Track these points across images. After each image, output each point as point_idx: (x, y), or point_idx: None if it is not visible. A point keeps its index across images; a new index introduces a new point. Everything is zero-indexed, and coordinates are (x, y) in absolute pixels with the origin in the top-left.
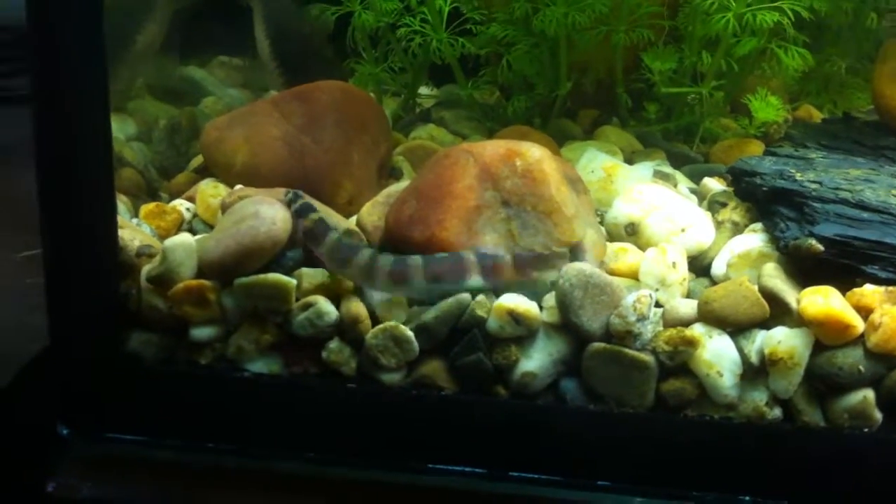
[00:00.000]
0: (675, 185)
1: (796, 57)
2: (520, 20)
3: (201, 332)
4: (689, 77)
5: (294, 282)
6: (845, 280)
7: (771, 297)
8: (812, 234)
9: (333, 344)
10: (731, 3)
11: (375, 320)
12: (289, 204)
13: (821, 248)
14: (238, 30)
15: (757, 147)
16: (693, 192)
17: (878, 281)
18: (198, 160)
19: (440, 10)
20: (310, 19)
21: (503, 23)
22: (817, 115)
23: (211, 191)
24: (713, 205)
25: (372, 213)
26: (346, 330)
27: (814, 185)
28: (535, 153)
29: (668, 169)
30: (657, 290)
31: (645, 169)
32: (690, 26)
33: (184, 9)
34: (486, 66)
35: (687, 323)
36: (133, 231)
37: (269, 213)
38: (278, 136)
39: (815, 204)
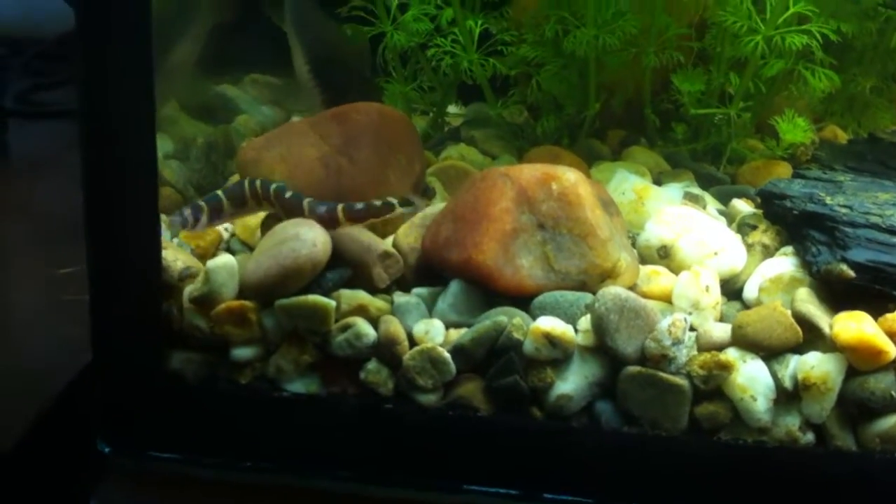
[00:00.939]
0: (705, 207)
1: (823, 79)
2: (549, 41)
3: (242, 352)
4: (716, 98)
5: (333, 303)
6: (877, 305)
7: (804, 322)
8: (844, 260)
9: (371, 365)
10: (760, 25)
11: (413, 342)
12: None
13: (852, 273)
14: (271, 47)
15: (784, 169)
16: (722, 213)
17: None
18: (234, 178)
19: (471, 31)
20: (346, 38)
21: (533, 44)
22: (842, 136)
23: None
24: (743, 227)
25: (408, 234)
26: (384, 351)
27: (844, 210)
28: (570, 177)
29: (696, 190)
30: (691, 313)
31: (675, 191)
32: (719, 47)
33: (220, 25)
34: (515, 86)
35: (721, 347)
36: (175, 251)
37: (309, 236)
38: (315, 157)
39: (846, 228)
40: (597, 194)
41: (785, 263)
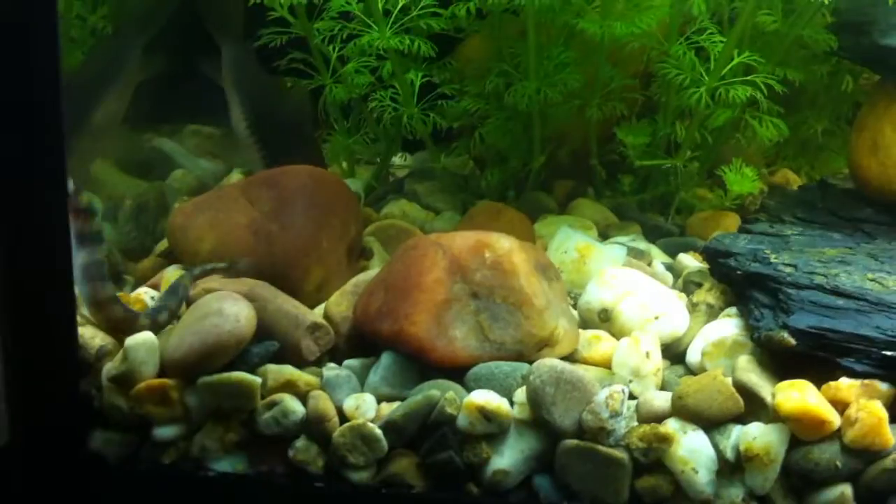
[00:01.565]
0: (650, 263)
1: (771, 127)
2: (492, 94)
3: (165, 431)
4: (663, 148)
5: (259, 380)
6: (822, 371)
7: (745, 391)
8: (786, 326)
9: (300, 442)
10: (704, 77)
11: (344, 417)
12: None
13: (793, 341)
14: (210, 97)
15: (733, 220)
16: (668, 267)
17: (853, 374)
18: (164, 244)
19: (412, 83)
20: (289, 94)
21: (475, 96)
22: (795, 180)
23: (175, 279)
24: (688, 285)
25: (340, 303)
26: (314, 428)
27: (788, 269)
28: (504, 244)
29: (643, 244)
30: (631, 381)
31: (618, 249)
32: (664, 97)
33: (150, 80)
34: (460, 136)
35: (661, 417)
36: (94, 328)
37: (232, 311)
38: (245, 224)
39: (789, 290)
40: (534, 259)
41: (729, 326)
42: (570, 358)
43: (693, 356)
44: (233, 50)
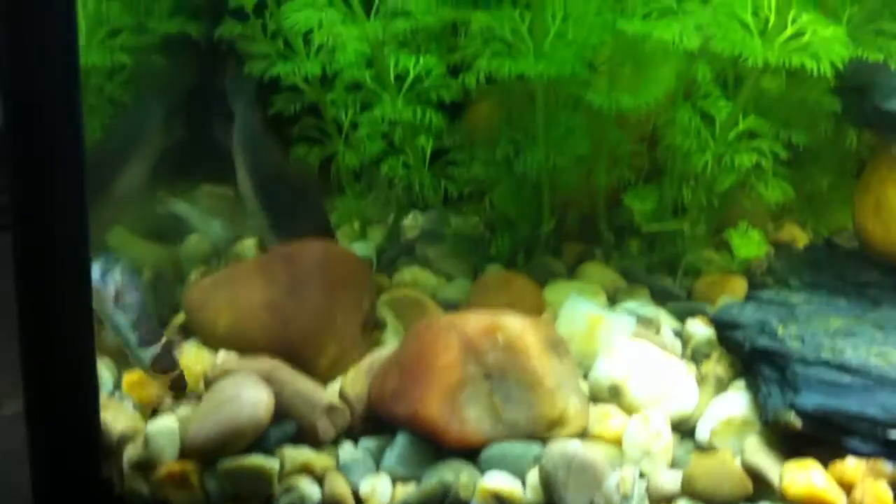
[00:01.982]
0: (659, 331)
1: (776, 189)
2: (501, 160)
3: None
4: (670, 211)
5: (276, 464)
6: (829, 450)
7: (753, 473)
8: (793, 406)
9: None
10: (710, 142)
11: (359, 500)
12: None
13: (799, 425)
14: (225, 158)
15: (740, 283)
16: (677, 333)
17: (859, 454)
18: (181, 317)
19: (422, 150)
20: (294, 160)
21: (485, 162)
22: (800, 236)
23: (194, 356)
24: (696, 354)
25: (355, 382)
26: None
27: (796, 344)
28: (516, 325)
29: (651, 311)
30: (641, 459)
31: (627, 319)
32: (670, 161)
33: (170, 147)
34: (471, 200)
35: (671, 498)
36: (115, 411)
37: (250, 397)
38: (261, 301)
39: (796, 367)
40: (545, 337)
41: (737, 402)
42: (582, 434)
43: (702, 433)
44: (243, 117)
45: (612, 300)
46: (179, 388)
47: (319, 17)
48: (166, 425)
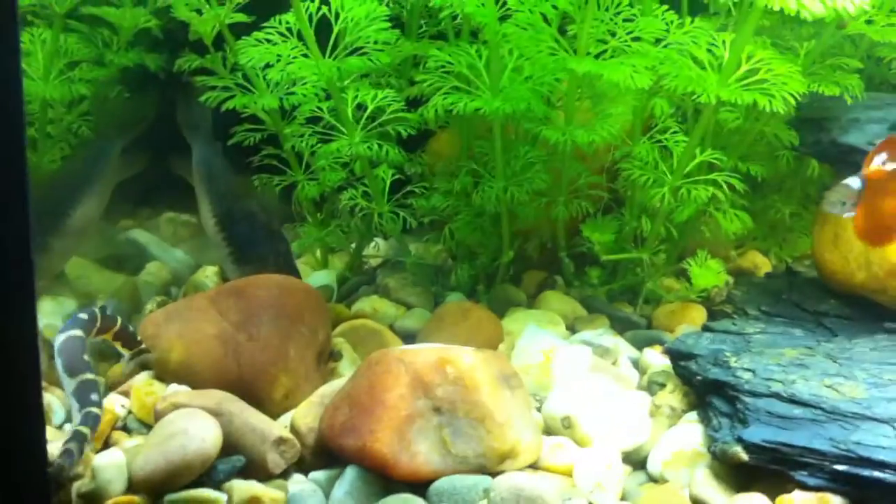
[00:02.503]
0: (616, 361)
1: (735, 220)
2: (461, 192)
3: None
4: (630, 240)
5: (224, 498)
6: (777, 483)
7: None
8: (740, 440)
9: None
10: (667, 176)
11: None
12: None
13: (745, 457)
14: (186, 186)
15: (699, 312)
16: (635, 363)
17: (807, 488)
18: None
19: (382, 181)
20: (255, 191)
21: (445, 193)
22: (763, 263)
23: (146, 388)
24: (652, 385)
25: (306, 414)
26: None
27: (747, 376)
28: (466, 360)
29: (609, 340)
30: (592, 492)
31: (583, 351)
32: (630, 192)
33: (127, 179)
34: (432, 228)
35: None
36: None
37: (198, 430)
38: (213, 334)
39: (746, 399)
40: (497, 370)
41: (689, 434)
42: (534, 466)
43: (654, 465)
44: (202, 149)
45: (572, 329)
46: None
47: (275, 53)
48: (113, 459)
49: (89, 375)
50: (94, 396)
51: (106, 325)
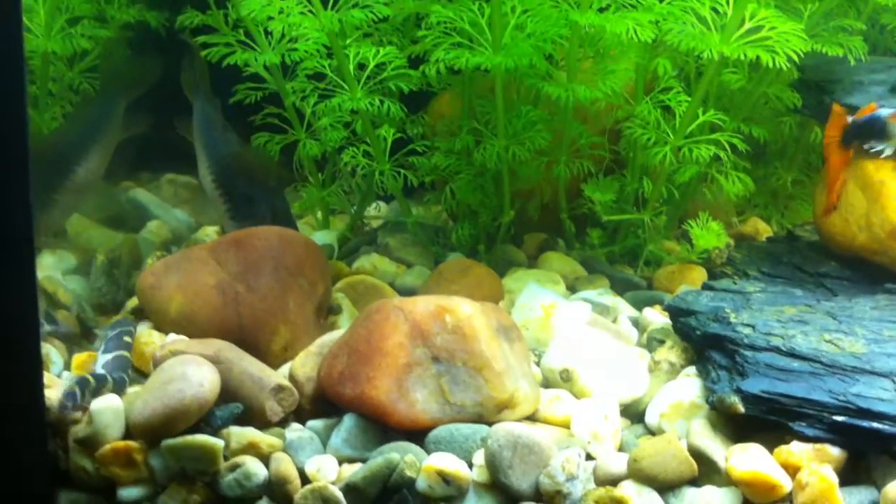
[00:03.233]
0: (616, 319)
1: (737, 182)
2: (462, 151)
3: (129, 493)
4: (631, 202)
5: (221, 443)
6: (775, 434)
7: (699, 455)
8: (739, 391)
9: None
10: (670, 135)
11: (305, 479)
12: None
13: (741, 409)
14: (188, 147)
15: (700, 273)
16: (634, 322)
17: (805, 438)
18: (135, 300)
19: (384, 140)
20: (254, 149)
21: (446, 153)
22: (765, 229)
23: (145, 338)
24: (651, 342)
25: (305, 364)
26: (275, 490)
27: (747, 330)
28: (465, 309)
29: (609, 299)
30: (589, 443)
31: (583, 307)
32: (631, 154)
33: (130, 139)
34: (433, 188)
35: (618, 480)
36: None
37: (196, 375)
38: (213, 285)
39: (746, 353)
40: (496, 321)
41: (687, 387)
42: (532, 418)
43: (652, 417)
44: (201, 106)
45: (572, 289)
46: None
47: (278, 6)
48: (110, 404)
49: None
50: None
51: None
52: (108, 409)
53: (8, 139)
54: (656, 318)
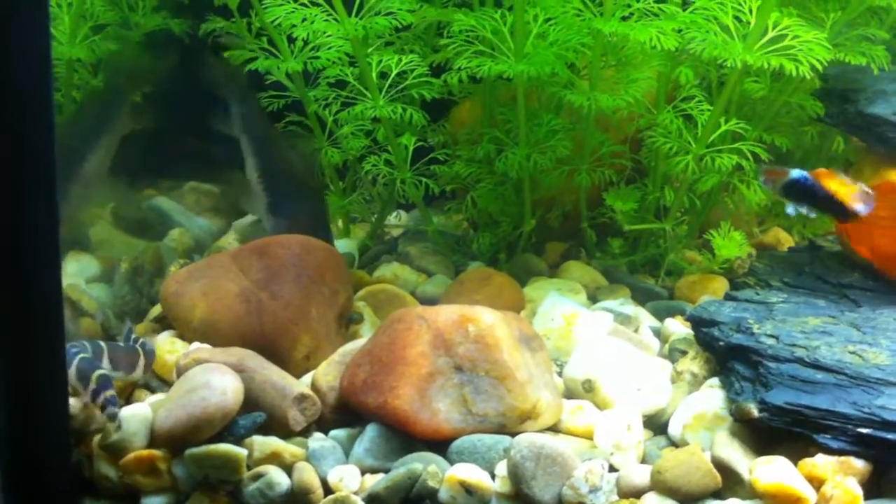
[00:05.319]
0: (637, 329)
1: (759, 191)
2: (483, 159)
3: (152, 502)
4: (652, 211)
5: (244, 452)
6: (799, 447)
7: (723, 467)
8: (763, 402)
9: None
10: (692, 144)
11: (328, 489)
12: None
13: (755, 413)
14: (207, 155)
15: (721, 283)
16: (656, 332)
17: (829, 451)
18: (158, 308)
19: (405, 148)
20: (298, 149)
21: (467, 161)
22: (786, 239)
23: (168, 347)
24: (673, 352)
25: (327, 373)
26: (298, 500)
27: (770, 341)
28: (487, 318)
29: (631, 308)
30: (612, 454)
31: (605, 317)
32: (653, 163)
33: (136, 133)
34: (453, 197)
35: (641, 492)
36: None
37: (219, 384)
38: (236, 292)
39: (769, 364)
40: (518, 331)
41: (710, 398)
42: (554, 428)
43: (675, 428)
44: (244, 103)
45: (593, 298)
46: None
47: (301, 14)
48: (138, 412)
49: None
50: None
51: None
52: (137, 416)
53: (35, 147)
54: (678, 328)
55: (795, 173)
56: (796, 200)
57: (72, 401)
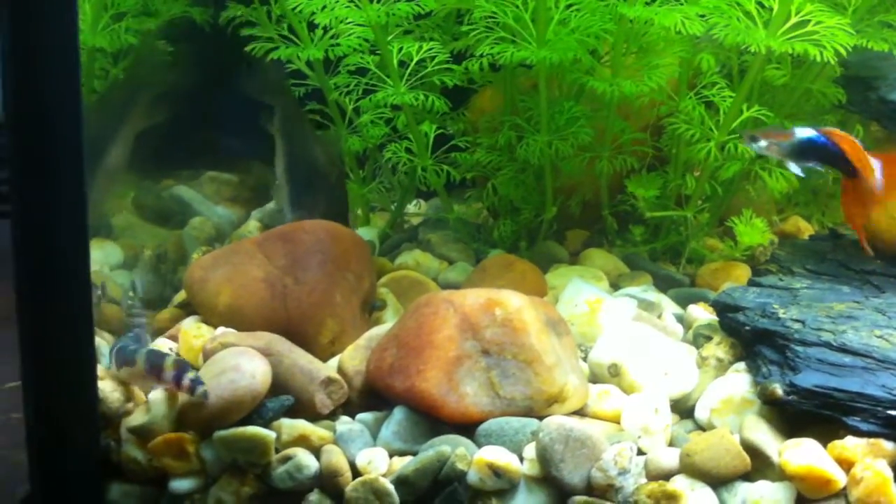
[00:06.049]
0: (661, 315)
1: (780, 179)
2: (505, 146)
3: (181, 484)
4: (673, 199)
5: (273, 435)
6: (828, 429)
7: (752, 449)
8: (792, 385)
9: (314, 496)
10: (714, 131)
11: (356, 472)
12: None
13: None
14: (226, 145)
15: (743, 270)
16: (679, 318)
17: (859, 433)
18: (182, 295)
19: (426, 135)
20: (321, 144)
21: (488, 148)
22: (806, 227)
23: (194, 331)
24: (698, 338)
25: (354, 357)
26: (327, 482)
27: (796, 326)
28: (515, 302)
29: (653, 295)
30: (640, 437)
31: (628, 302)
32: (674, 150)
33: (150, 128)
34: (474, 185)
35: (669, 474)
36: (113, 382)
37: (248, 367)
38: (261, 278)
39: (797, 348)
40: (544, 315)
41: (737, 382)
42: (580, 413)
43: (702, 412)
44: (286, 106)
45: (615, 286)
46: None
47: (322, 0)
48: (168, 395)
49: None
50: None
51: None
52: (165, 399)
53: (64, 137)
54: (701, 314)
55: (805, 132)
56: (806, 160)
57: (102, 384)
